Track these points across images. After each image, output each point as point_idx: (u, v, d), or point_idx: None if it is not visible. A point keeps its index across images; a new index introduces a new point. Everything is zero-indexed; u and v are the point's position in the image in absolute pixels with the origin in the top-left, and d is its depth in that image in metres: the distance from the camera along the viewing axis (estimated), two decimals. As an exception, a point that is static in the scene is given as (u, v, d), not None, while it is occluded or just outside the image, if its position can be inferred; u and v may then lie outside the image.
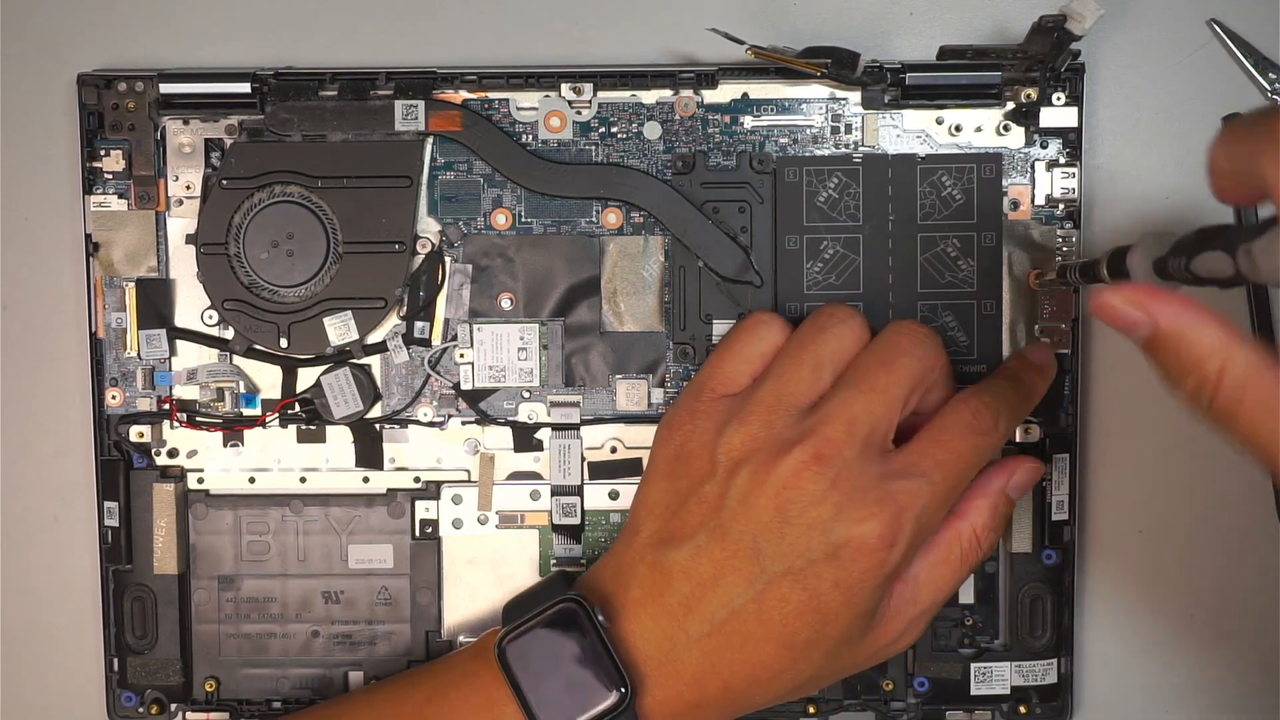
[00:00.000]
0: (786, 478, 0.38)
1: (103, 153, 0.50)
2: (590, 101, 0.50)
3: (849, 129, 0.50)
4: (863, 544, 0.38)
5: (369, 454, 0.51)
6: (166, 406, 0.50)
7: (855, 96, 0.49)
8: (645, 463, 0.47)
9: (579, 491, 0.51)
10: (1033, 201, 0.50)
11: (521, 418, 0.51)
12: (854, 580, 0.38)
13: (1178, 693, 0.52)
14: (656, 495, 0.42)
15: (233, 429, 0.51)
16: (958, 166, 0.49)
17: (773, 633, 0.38)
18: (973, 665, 0.51)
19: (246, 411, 0.51)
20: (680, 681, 0.39)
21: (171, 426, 0.51)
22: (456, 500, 0.51)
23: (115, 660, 0.51)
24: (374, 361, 0.51)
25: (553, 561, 0.51)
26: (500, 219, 0.50)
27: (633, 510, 0.43)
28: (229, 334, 0.50)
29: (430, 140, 0.50)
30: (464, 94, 0.50)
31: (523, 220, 0.50)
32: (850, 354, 0.42)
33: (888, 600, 0.40)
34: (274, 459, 0.51)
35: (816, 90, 0.50)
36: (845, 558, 0.38)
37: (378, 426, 0.51)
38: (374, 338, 0.50)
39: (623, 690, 0.38)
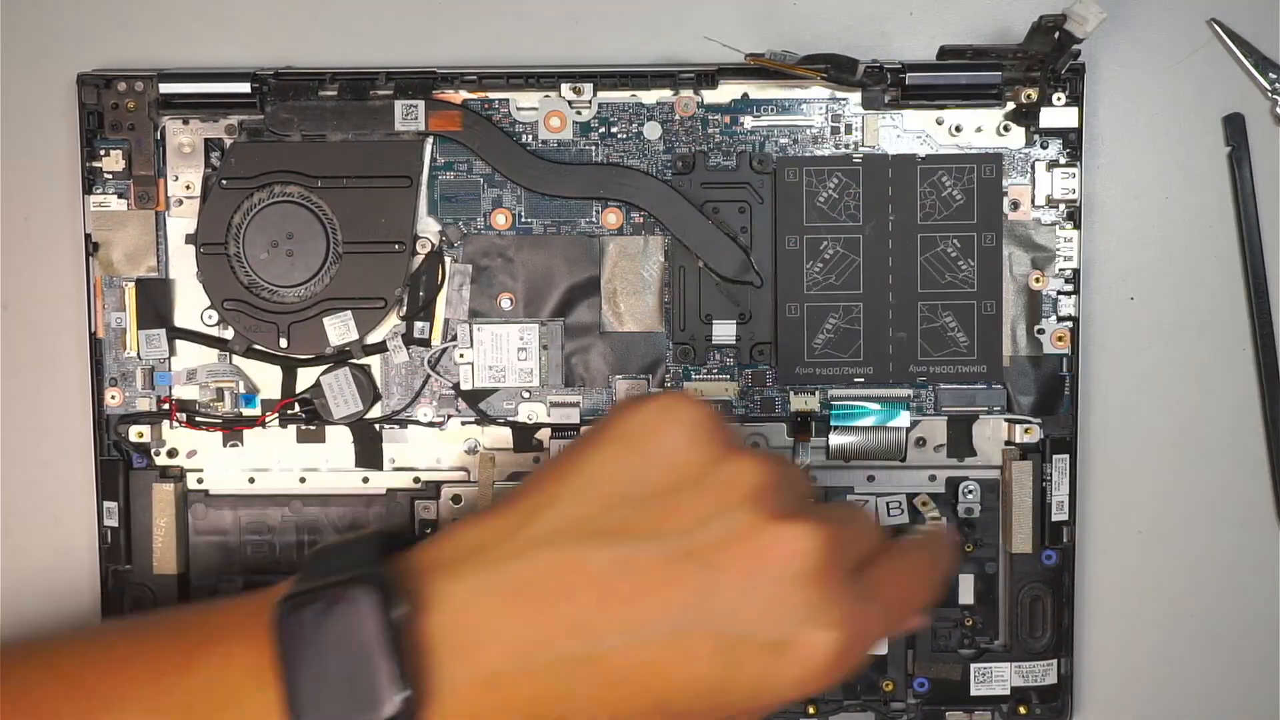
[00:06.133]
0: (786, 541, 0.33)
1: (102, 153, 0.50)
2: (590, 101, 0.50)
3: (849, 129, 0.50)
4: (813, 653, 0.32)
5: (369, 454, 0.51)
6: (166, 406, 0.50)
7: (855, 97, 0.49)
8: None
9: (579, 491, 0.51)
10: (1033, 202, 0.50)
11: (521, 418, 0.51)
12: (779, 684, 0.32)
13: (1178, 693, 0.52)
14: (605, 468, 0.34)
15: (232, 429, 0.51)
16: (958, 167, 0.49)
17: (658, 686, 0.32)
18: (972, 666, 0.51)
19: (246, 411, 0.51)
20: (510, 702, 0.32)
21: (171, 426, 0.51)
22: (456, 500, 0.51)
23: (115, 660, 0.51)
24: (374, 361, 0.51)
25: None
26: (500, 219, 0.50)
27: (554, 473, 0.35)
28: (229, 334, 0.50)
29: (430, 140, 0.50)
30: (464, 94, 0.50)
31: (523, 220, 0.50)
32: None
33: None
34: (274, 459, 0.51)
35: (816, 90, 0.50)
36: (788, 657, 0.32)
37: (377, 426, 0.51)
38: (374, 338, 0.50)
39: (406, 698, 0.31)
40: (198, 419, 0.51)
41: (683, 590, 0.32)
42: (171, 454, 0.51)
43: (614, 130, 0.50)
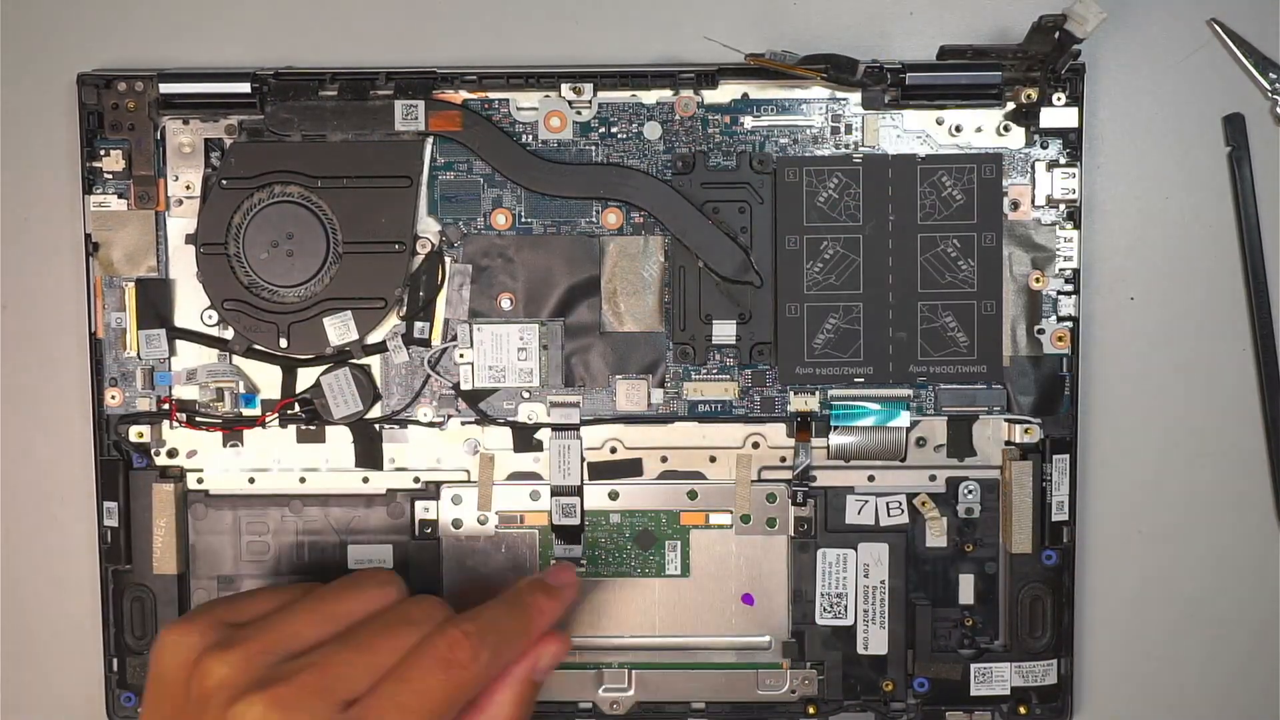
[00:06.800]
0: (239, 717, 0.36)
1: (103, 153, 0.50)
2: (590, 101, 0.50)
3: (849, 129, 0.50)
4: None
5: (369, 454, 0.51)
6: (166, 406, 0.50)
7: (855, 97, 0.49)
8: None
9: (579, 492, 0.51)
10: (1033, 202, 0.50)
11: (521, 418, 0.51)
12: None
13: (1178, 693, 0.52)
14: (148, 707, 0.39)
15: (232, 429, 0.51)
16: (958, 167, 0.49)
17: None
18: (972, 666, 0.51)
19: (246, 411, 0.51)
20: None
21: (171, 426, 0.51)
22: (456, 500, 0.51)
23: (115, 660, 0.51)
24: (374, 361, 0.51)
25: (552, 561, 0.51)
26: (500, 219, 0.50)
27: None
28: (229, 334, 0.50)
29: (430, 140, 0.50)
30: (464, 94, 0.50)
31: (523, 220, 0.50)
32: (365, 614, 0.41)
33: None
34: (274, 459, 0.51)
35: (816, 91, 0.50)
36: None
37: (377, 426, 0.51)
38: (374, 338, 0.50)
39: None
40: (198, 419, 0.51)
41: None
42: (171, 454, 0.51)
43: (614, 130, 0.50)
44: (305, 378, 0.51)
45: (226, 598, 0.44)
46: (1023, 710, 0.51)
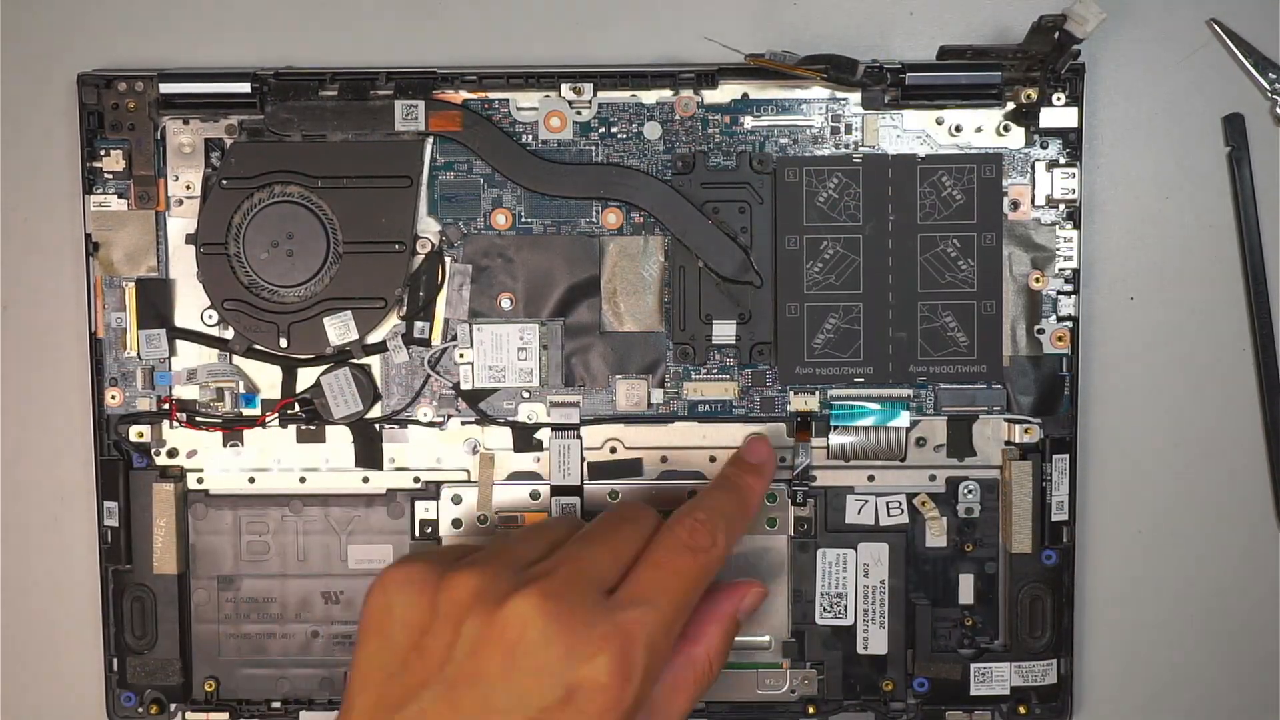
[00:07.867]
0: (514, 621, 0.37)
1: (103, 153, 0.50)
2: (590, 101, 0.50)
3: (849, 129, 0.50)
4: (596, 682, 0.37)
5: (369, 454, 0.51)
6: (166, 406, 0.50)
7: (855, 97, 0.50)
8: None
9: (579, 492, 0.51)
10: (1033, 202, 0.50)
11: (521, 418, 0.51)
12: None
13: (1178, 693, 0.52)
14: (368, 657, 0.39)
15: (232, 429, 0.51)
16: (958, 167, 0.49)
17: None
18: (972, 666, 0.51)
19: (246, 411, 0.51)
20: None
21: (171, 426, 0.51)
22: (456, 500, 0.51)
23: (115, 660, 0.51)
24: (374, 361, 0.51)
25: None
26: (500, 219, 0.50)
27: (349, 678, 0.40)
28: (229, 334, 0.50)
29: (430, 140, 0.50)
30: (464, 94, 0.50)
31: (523, 220, 0.50)
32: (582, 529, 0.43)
33: None
34: (274, 459, 0.51)
35: (816, 91, 0.50)
36: (581, 699, 0.37)
37: (377, 426, 0.51)
38: (374, 338, 0.50)
39: None
40: (198, 419, 0.51)
41: (471, 712, 0.37)
42: (171, 454, 0.51)
43: (614, 130, 0.50)
44: (305, 378, 0.51)
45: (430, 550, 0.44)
46: (1022, 710, 0.51)
